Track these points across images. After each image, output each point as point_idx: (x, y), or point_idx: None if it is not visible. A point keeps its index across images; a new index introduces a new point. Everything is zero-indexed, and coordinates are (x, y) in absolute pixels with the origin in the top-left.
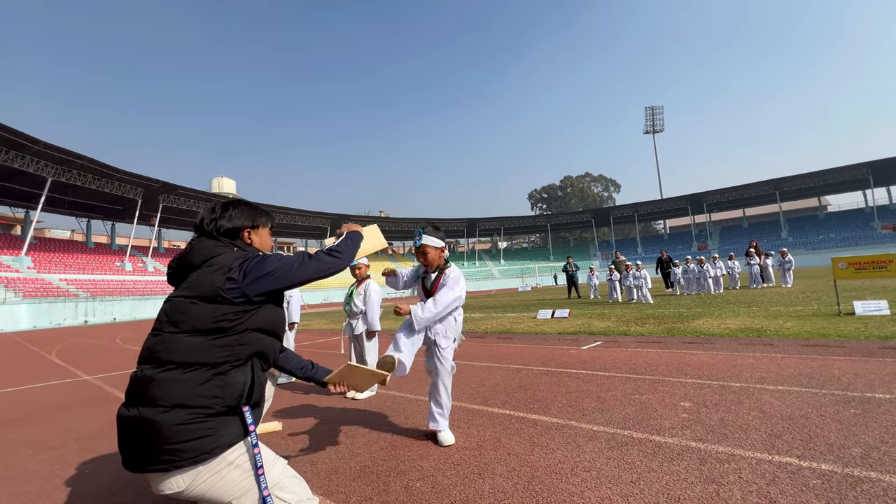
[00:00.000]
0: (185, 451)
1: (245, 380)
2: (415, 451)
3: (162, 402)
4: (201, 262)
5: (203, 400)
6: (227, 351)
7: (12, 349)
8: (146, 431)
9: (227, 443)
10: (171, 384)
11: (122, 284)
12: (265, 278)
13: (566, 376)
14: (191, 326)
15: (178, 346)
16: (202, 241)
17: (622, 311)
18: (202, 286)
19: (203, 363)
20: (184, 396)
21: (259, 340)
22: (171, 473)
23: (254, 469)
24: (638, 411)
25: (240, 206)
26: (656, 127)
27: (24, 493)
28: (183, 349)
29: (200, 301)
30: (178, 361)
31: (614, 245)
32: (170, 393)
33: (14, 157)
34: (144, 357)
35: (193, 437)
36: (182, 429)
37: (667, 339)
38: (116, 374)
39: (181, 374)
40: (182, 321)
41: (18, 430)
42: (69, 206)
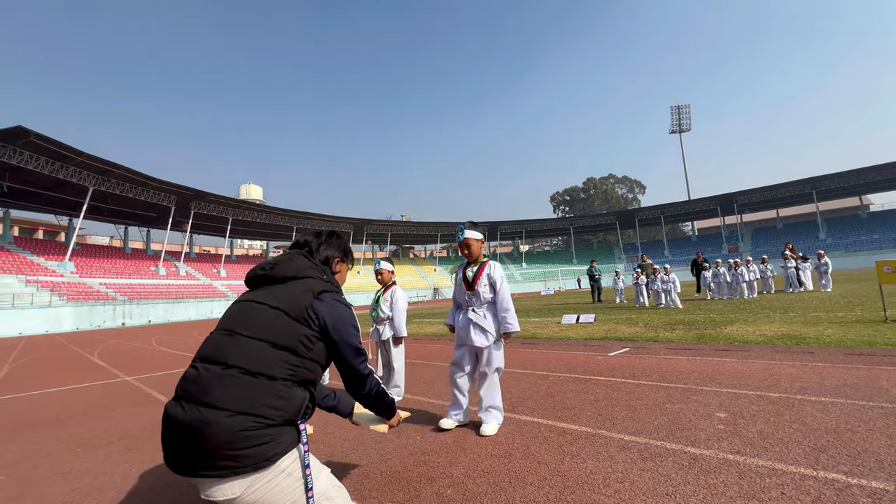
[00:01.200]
0: (247, 457)
1: (305, 396)
2: (444, 458)
3: (228, 405)
4: (291, 277)
5: (267, 410)
6: (293, 371)
7: (58, 350)
8: (207, 435)
9: (283, 450)
10: (239, 388)
11: (156, 288)
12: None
13: (594, 384)
14: (269, 337)
15: (252, 353)
16: (299, 257)
17: (650, 316)
18: (290, 302)
19: (271, 375)
20: (250, 403)
21: (316, 370)
22: (228, 480)
23: (304, 479)
24: (671, 421)
25: (340, 238)
26: (683, 126)
27: (76, 490)
28: (256, 356)
29: (286, 316)
30: (247, 368)
31: (640, 248)
32: (236, 397)
33: (59, 168)
34: (209, 356)
35: (256, 443)
36: (246, 435)
37: (698, 345)
38: (154, 375)
39: (249, 379)
40: (262, 330)
41: (68, 429)
42: (108, 213)
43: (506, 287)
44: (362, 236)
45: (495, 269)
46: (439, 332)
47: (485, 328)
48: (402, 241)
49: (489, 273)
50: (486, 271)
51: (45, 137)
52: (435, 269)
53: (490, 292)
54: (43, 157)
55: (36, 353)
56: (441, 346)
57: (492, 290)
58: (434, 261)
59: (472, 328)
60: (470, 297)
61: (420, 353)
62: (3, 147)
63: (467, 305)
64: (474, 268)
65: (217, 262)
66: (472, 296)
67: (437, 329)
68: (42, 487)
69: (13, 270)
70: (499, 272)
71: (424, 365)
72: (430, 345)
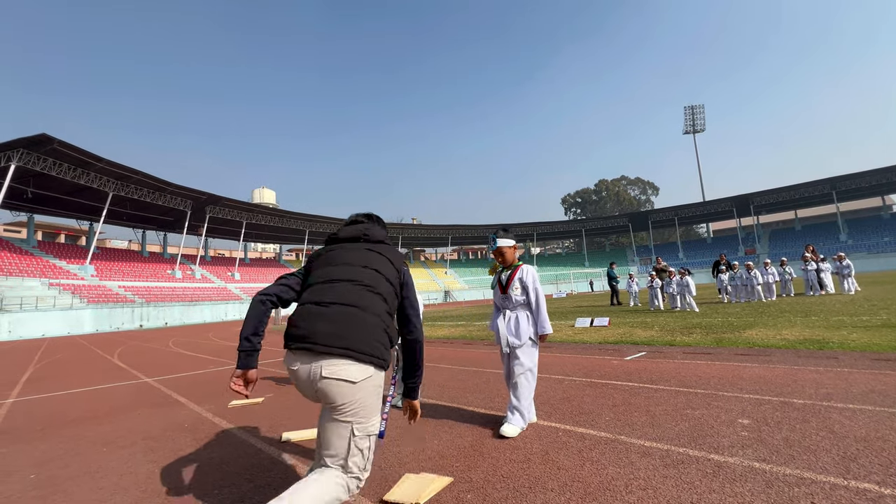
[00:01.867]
0: (379, 354)
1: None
2: (462, 462)
3: (370, 309)
4: (378, 240)
5: (385, 332)
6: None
7: (80, 351)
8: (360, 321)
9: (386, 367)
10: (373, 304)
11: (172, 291)
12: (415, 291)
13: (611, 388)
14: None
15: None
16: (374, 225)
17: (665, 319)
18: (388, 271)
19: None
20: (379, 319)
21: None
22: (360, 363)
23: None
24: (692, 427)
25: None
26: (697, 127)
27: (103, 489)
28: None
29: (387, 282)
30: (370, 308)
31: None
32: (373, 307)
33: (81, 174)
34: (338, 298)
35: (385, 348)
36: (382, 336)
37: (716, 350)
38: (172, 376)
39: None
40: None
41: (93, 429)
42: (127, 217)
43: (539, 289)
44: None
45: (527, 272)
46: (451, 335)
47: (517, 329)
48: (412, 244)
49: (521, 277)
50: (517, 275)
51: (67, 144)
52: (446, 271)
53: (522, 295)
54: (65, 164)
55: (59, 354)
56: (454, 349)
57: (524, 292)
58: (445, 263)
59: (505, 330)
60: (503, 300)
61: (432, 356)
62: (28, 154)
63: (503, 308)
64: (508, 272)
65: (231, 265)
66: (506, 299)
67: (449, 332)
68: (71, 486)
69: (36, 274)
70: (531, 275)
71: (437, 368)
72: (443, 348)
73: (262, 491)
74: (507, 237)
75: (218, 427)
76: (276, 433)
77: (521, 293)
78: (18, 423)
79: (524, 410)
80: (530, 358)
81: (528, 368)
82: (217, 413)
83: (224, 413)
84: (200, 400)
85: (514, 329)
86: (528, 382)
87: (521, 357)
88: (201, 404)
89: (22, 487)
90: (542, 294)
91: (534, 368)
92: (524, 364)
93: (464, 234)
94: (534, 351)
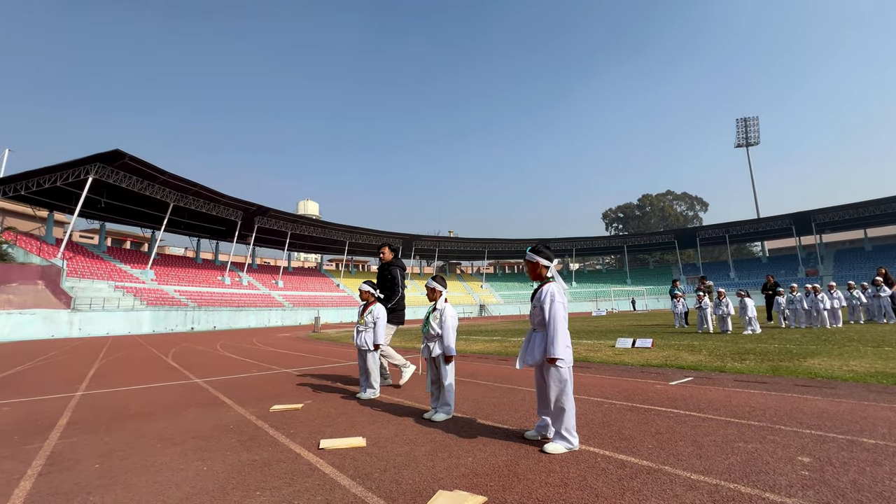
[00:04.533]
0: None
1: None
2: (497, 482)
3: None
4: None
5: None
6: None
7: (139, 350)
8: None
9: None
10: None
11: (221, 296)
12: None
13: (654, 414)
14: None
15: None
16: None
17: (714, 343)
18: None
19: None
20: None
21: None
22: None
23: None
24: (744, 462)
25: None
26: (750, 140)
27: (157, 483)
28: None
29: None
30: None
31: (701, 269)
32: None
33: (146, 186)
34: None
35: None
36: None
37: (772, 379)
38: (220, 378)
39: None
40: None
41: (150, 424)
42: (184, 226)
43: (555, 309)
44: (411, 251)
45: (547, 291)
46: (486, 350)
47: (532, 348)
48: (449, 257)
49: (540, 296)
50: (538, 294)
51: (137, 159)
52: (482, 285)
53: (540, 314)
54: (134, 177)
55: (121, 352)
56: (489, 365)
57: (541, 311)
58: (481, 277)
59: (522, 347)
60: (530, 317)
61: (466, 371)
62: (103, 168)
63: (532, 325)
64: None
65: (276, 274)
66: (532, 316)
67: (484, 346)
68: (130, 477)
69: (105, 276)
70: (550, 294)
71: (472, 383)
72: (478, 363)
73: (302, 496)
74: (536, 252)
75: (260, 430)
76: (315, 440)
77: (539, 312)
78: (86, 415)
79: (561, 430)
80: (555, 379)
81: (554, 392)
82: (259, 416)
83: (266, 416)
84: (244, 402)
85: (529, 349)
86: (557, 402)
87: (547, 378)
88: (245, 406)
89: (88, 475)
90: (556, 314)
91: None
92: (550, 384)
93: (500, 248)
94: (553, 371)
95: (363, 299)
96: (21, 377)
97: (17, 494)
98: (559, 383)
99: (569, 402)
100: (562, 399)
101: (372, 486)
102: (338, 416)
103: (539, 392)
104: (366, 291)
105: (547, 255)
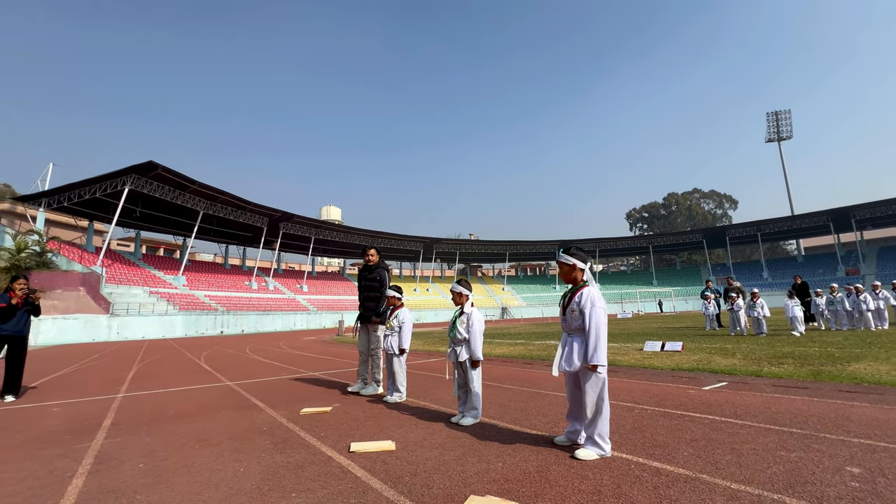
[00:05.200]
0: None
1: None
2: (528, 488)
3: None
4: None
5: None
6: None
7: (173, 353)
8: None
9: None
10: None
11: (249, 301)
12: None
13: (688, 420)
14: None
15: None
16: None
17: (749, 346)
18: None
19: None
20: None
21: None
22: None
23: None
24: (788, 472)
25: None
26: (782, 134)
27: (198, 483)
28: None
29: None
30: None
31: (731, 269)
32: None
33: (178, 195)
34: None
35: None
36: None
37: (814, 384)
38: (250, 381)
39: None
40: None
41: (187, 426)
42: (213, 234)
43: (596, 314)
44: (431, 255)
45: (587, 295)
46: (510, 354)
47: (570, 354)
48: (470, 260)
49: (578, 300)
50: (576, 297)
51: (168, 169)
52: (503, 288)
53: (579, 318)
54: (166, 187)
55: (156, 355)
56: (513, 368)
57: (581, 316)
58: (502, 280)
59: (559, 354)
60: (563, 321)
61: (491, 375)
62: (137, 178)
63: (563, 330)
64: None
65: (300, 278)
66: (564, 321)
67: (508, 350)
68: (172, 477)
69: (140, 283)
70: (590, 299)
71: (498, 387)
72: (502, 366)
73: (336, 499)
74: (568, 254)
75: (292, 432)
76: (345, 443)
77: (579, 317)
78: (128, 417)
79: (594, 437)
80: (592, 387)
81: (593, 399)
82: (290, 419)
83: (297, 419)
84: (275, 405)
85: (567, 355)
86: (594, 408)
87: (584, 384)
88: (276, 409)
89: (133, 474)
90: (598, 319)
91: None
92: (587, 393)
93: (521, 250)
94: (593, 378)
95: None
96: (68, 379)
97: (70, 491)
98: (597, 389)
99: (605, 408)
100: (599, 404)
101: (403, 490)
102: (366, 419)
103: (571, 397)
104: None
105: (582, 257)
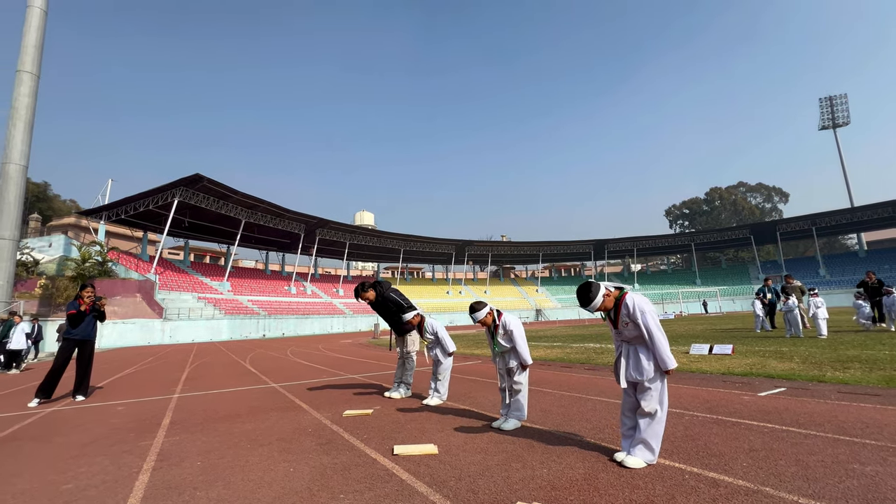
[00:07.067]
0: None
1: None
2: (576, 496)
3: None
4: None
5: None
6: None
7: (220, 356)
8: None
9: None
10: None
11: (288, 305)
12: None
13: (745, 428)
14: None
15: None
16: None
17: (808, 349)
18: None
19: None
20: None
21: None
22: None
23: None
24: (864, 487)
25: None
26: (838, 120)
27: (251, 481)
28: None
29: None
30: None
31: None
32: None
33: (222, 205)
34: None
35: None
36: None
37: (886, 391)
38: (294, 383)
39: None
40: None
41: (238, 426)
42: (254, 241)
43: (648, 321)
44: (463, 257)
45: (632, 305)
46: (548, 357)
47: (637, 365)
48: (502, 262)
49: (626, 312)
50: (622, 311)
51: (213, 181)
52: (537, 289)
53: (635, 329)
54: (211, 197)
55: (206, 358)
56: (552, 372)
57: (636, 327)
58: (536, 281)
59: (624, 365)
60: (617, 334)
61: (530, 379)
62: (185, 191)
63: (620, 341)
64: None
65: (336, 283)
66: (619, 334)
67: (545, 353)
68: (228, 475)
69: (189, 289)
70: (637, 308)
71: (538, 391)
72: (540, 370)
73: (382, 501)
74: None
75: (336, 434)
76: (388, 445)
77: (634, 328)
78: (184, 416)
79: (650, 443)
80: (651, 397)
81: (654, 409)
82: (334, 420)
83: (340, 421)
84: (318, 407)
85: (633, 364)
86: (652, 421)
87: (645, 394)
88: (319, 411)
89: (192, 472)
90: (655, 326)
91: (656, 407)
92: (646, 404)
93: (555, 251)
94: (656, 386)
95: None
96: (129, 379)
97: (137, 486)
98: (658, 393)
99: (662, 414)
100: (661, 409)
101: (449, 495)
102: (406, 422)
103: (627, 406)
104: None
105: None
